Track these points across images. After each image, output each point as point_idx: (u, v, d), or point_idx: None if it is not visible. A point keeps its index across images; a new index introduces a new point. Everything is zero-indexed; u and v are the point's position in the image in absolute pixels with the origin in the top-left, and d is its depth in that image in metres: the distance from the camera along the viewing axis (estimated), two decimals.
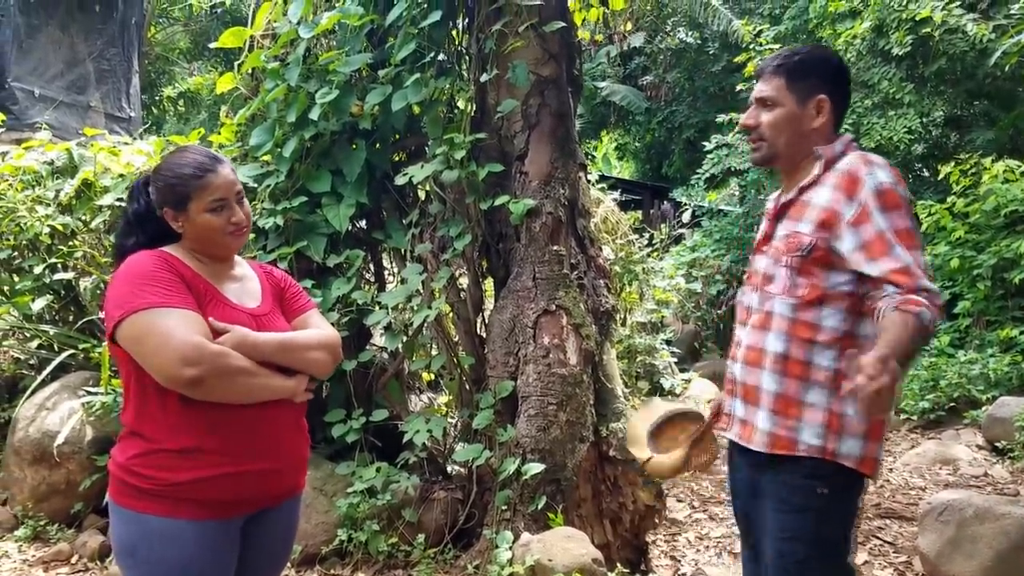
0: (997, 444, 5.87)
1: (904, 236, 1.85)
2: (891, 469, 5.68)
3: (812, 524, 1.95)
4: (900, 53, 8.21)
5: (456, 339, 4.09)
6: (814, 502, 1.94)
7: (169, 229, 1.95)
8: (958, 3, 7.97)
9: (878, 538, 4.28)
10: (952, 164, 8.06)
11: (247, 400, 1.84)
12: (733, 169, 10.19)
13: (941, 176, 8.56)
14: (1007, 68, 7.78)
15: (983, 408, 6.38)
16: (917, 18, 7.92)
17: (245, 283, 2.04)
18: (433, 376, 4.67)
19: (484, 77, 3.77)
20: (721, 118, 9.91)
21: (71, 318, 4.99)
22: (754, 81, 2.19)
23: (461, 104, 4.05)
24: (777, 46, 9.45)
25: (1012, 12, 7.68)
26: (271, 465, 1.91)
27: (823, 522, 1.95)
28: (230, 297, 1.95)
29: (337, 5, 4.07)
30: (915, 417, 6.88)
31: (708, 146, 10.02)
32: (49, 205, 4.89)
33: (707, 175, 10.05)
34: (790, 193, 2.07)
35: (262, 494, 1.93)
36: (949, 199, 8.12)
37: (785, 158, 2.09)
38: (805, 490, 1.95)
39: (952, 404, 6.76)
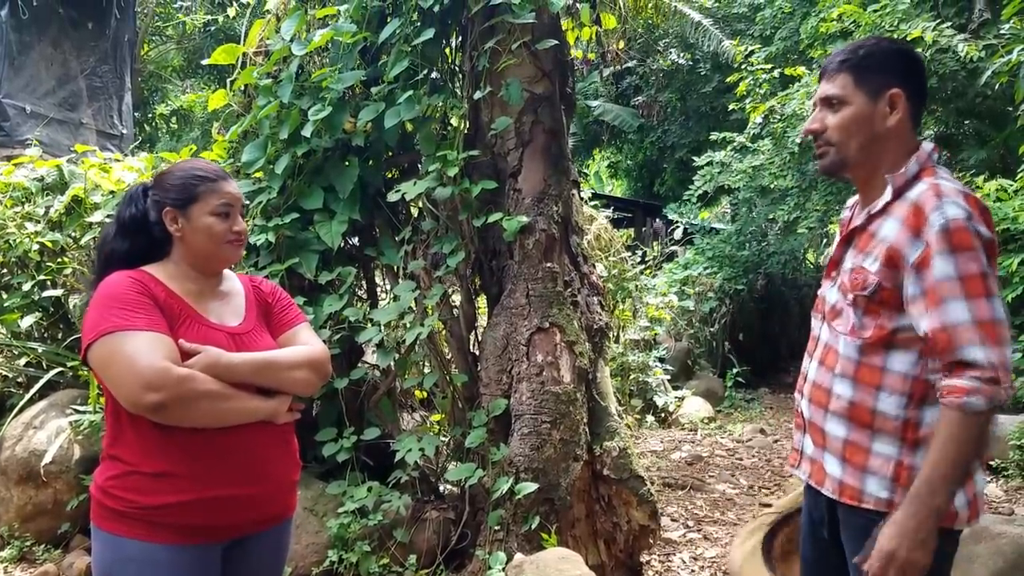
0: (991, 463, 5.86)
1: (974, 283, 1.65)
2: None
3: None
4: None
5: (449, 356, 4.07)
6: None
7: (158, 242, 1.93)
8: (949, 24, 8.03)
9: None
10: None
11: (219, 424, 1.79)
12: (725, 187, 10.21)
13: None
14: (997, 87, 7.83)
15: None
16: (908, 38, 7.97)
17: (229, 300, 2.00)
18: (426, 394, 4.64)
19: (478, 95, 3.77)
20: (715, 136, 9.95)
21: (60, 335, 4.95)
22: (816, 84, 1.97)
23: (454, 121, 4.05)
24: (768, 66, 9.52)
25: (1002, 32, 7.74)
26: (252, 490, 1.86)
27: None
28: (209, 316, 1.91)
29: (330, 23, 4.07)
30: None
31: (699, 161, 10.05)
32: (39, 222, 4.86)
33: (699, 191, 10.07)
34: (860, 218, 1.90)
35: (243, 520, 1.88)
36: None
37: (858, 165, 1.88)
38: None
39: None
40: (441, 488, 4.13)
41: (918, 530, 1.64)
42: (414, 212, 4.24)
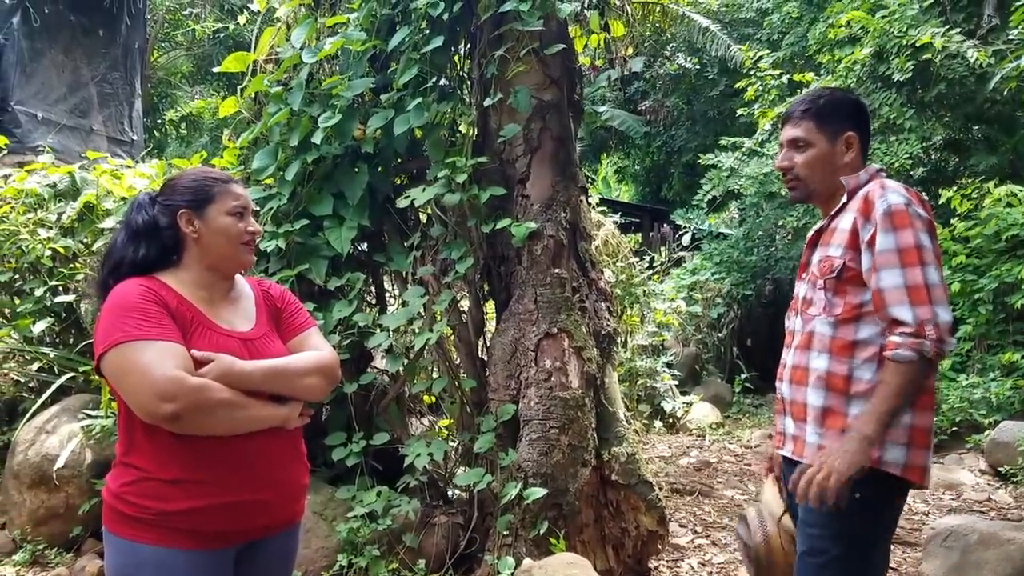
0: (1000, 469, 5.85)
1: (909, 254, 1.95)
2: None
3: (844, 524, 2.02)
4: (901, 79, 8.25)
5: (457, 362, 4.08)
6: (849, 505, 1.97)
7: (168, 249, 1.94)
8: (958, 29, 8.03)
9: None
10: (954, 189, 8.08)
11: (233, 431, 1.81)
12: (733, 191, 10.21)
13: (942, 201, 8.57)
14: (1006, 92, 7.82)
15: (985, 433, 6.36)
16: (917, 44, 7.97)
17: (240, 304, 2.01)
18: (434, 399, 4.66)
19: (487, 102, 3.79)
20: (724, 140, 9.94)
21: (72, 340, 4.98)
22: (780, 126, 2.36)
23: (463, 128, 4.07)
24: (776, 72, 9.52)
25: (1011, 37, 7.73)
26: (264, 495, 1.87)
27: (855, 524, 2.02)
28: (220, 323, 1.92)
29: (340, 31, 4.10)
30: None
31: (704, 161, 10.05)
32: (51, 228, 4.90)
33: (708, 196, 10.07)
34: (822, 222, 2.23)
35: (255, 524, 1.89)
36: (952, 221, 8.15)
37: (821, 193, 2.23)
38: (842, 492, 1.98)
39: (954, 428, 6.74)
40: (450, 493, 4.15)
41: (846, 448, 1.93)
42: (423, 218, 4.26)
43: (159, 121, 15.04)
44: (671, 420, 8.31)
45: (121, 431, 1.86)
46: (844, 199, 2.16)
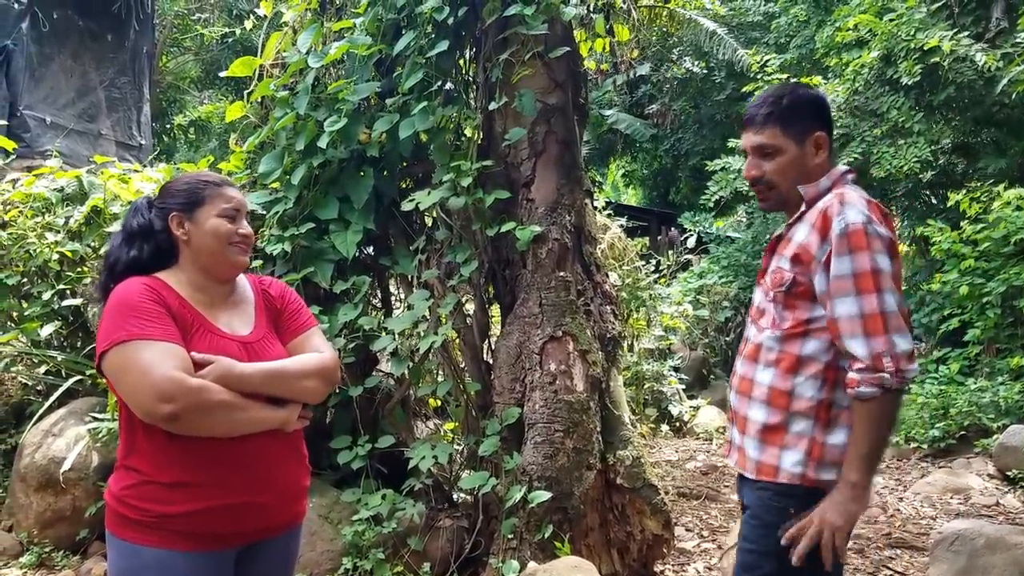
0: (1008, 473, 5.81)
1: (865, 279, 1.84)
2: (901, 498, 5.62)
3: (777, 541, 1.94)
4: (909, 82, 8.23)
5: (462, 365, 4.09)
6: (785, 520, 1.94)
7: (164, 252, 1.95)
8: (966, 33, 8.01)
9: (888, 568, 4.23)
10: (963, 192, 8.06)
11: (231, 434, 1.81)
12: (741, 193, 10.19)
13: (951, 204, 8.55)
14: (1015, 96, 7.80)
15: (994, 437, 6.33)
16: (926, 47, 7.95)
17: (239, 308, 2.01)
18: (439, 402, 4.66)
19: (492, 105, 3.80)
20: (732, 143, 9.93)
21: (79, 344, 5.00)
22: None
23: (468, 132, 4.08)
24: (783, 75, 9.51)
25: (1019, 41, 7.71)
26: (263, 497, 1.87)
27: (791, 543, 1.93)
28: (220, 325, 1.92)
29: (346, 35, 4.12)
30: (925, 445, 6.83)
31: (711, 166, 10.04)
32: (59, 232, 4.93)
33: (714, 197, 10.05)
34: (781, 229, 2.12)
35: (255, 526, 1.90)
36: (961, 224, 8.13)
37: (794, 200, 2.09)
38: (777, 509, 1.97)
39: (962, 432, 6.71)
40: (455, 496, 4.15)
41: (837, 500, 1.87)
42: (428, 222, 4.27)
43: (167, 126, 15.11)
44: (678, 424, 8.30)
45: (122, 434, 1.87)
46: (803, 208, 2.04)
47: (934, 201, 10.42)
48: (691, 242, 11.21)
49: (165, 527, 1.78)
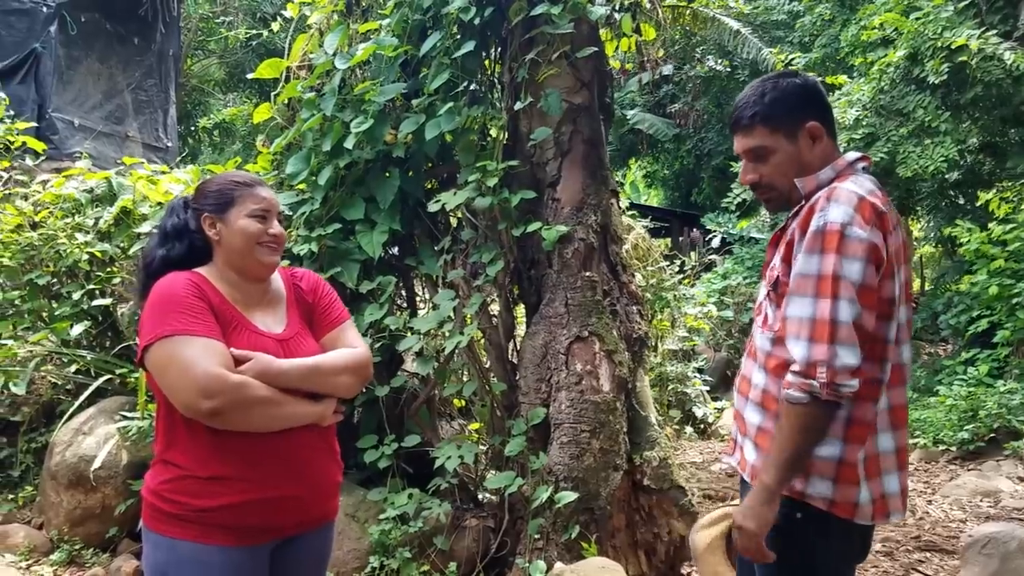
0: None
1: (825, 283, 1.73)
2: (930, 501, 5.56)
3: (776, 564, 1.84)
4: (935, 81, 8.14)
5: (488, 365, 4.08)
6: (772, 545, 1.83)
7: (199, 252, 1.98)
8: (994, 31, 7.91)
9: (918, 571, 4.19)
10: (993, 192, 7.96)
11: (269, 428, 1.84)
12: None
13: (979, 203, 8.44)
14: None
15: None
16: (952, 46, 7.86)
17: (272, 308, 2.04)
18: (464, 402, 4.66)
19: (518, 106, 3.80)
20: None
21: (108, 344, 5.06)
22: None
23: (493, 132, 4.08)
24: (810, 75, 9.43)
25: None
26: (300, 491, 1.90)
27: (785, 560, 1.84)
28: (256, 323, 1.95)
29: (372, 37, 4.13)
30: (954, 448, 6.75)
31: (737, 168, 9.98)
32: (88, 232, 4.98)
33: (738, 199, 9.99)
34: (784, 222, 2.03)
35: (291, 520, 1.92)
36: (990, 225, 8.03)
37: (799, 195, 1.97)
38: (763, 549, 1.83)
39: (992, 435, 6.62)
40: (480, 496, 4.15)
41: (750, 505, 1.81)
42: (453, 222, 4.27)
43: (192, 128, 15.24)
44: (702, 426, 8.25)
45: (160, 429, 1.89)
46: (801, 201, 1.92)
47: (961, 201, 10.30)
48: (715, 242, 11.15)
49: (203, 521, 1.80)
